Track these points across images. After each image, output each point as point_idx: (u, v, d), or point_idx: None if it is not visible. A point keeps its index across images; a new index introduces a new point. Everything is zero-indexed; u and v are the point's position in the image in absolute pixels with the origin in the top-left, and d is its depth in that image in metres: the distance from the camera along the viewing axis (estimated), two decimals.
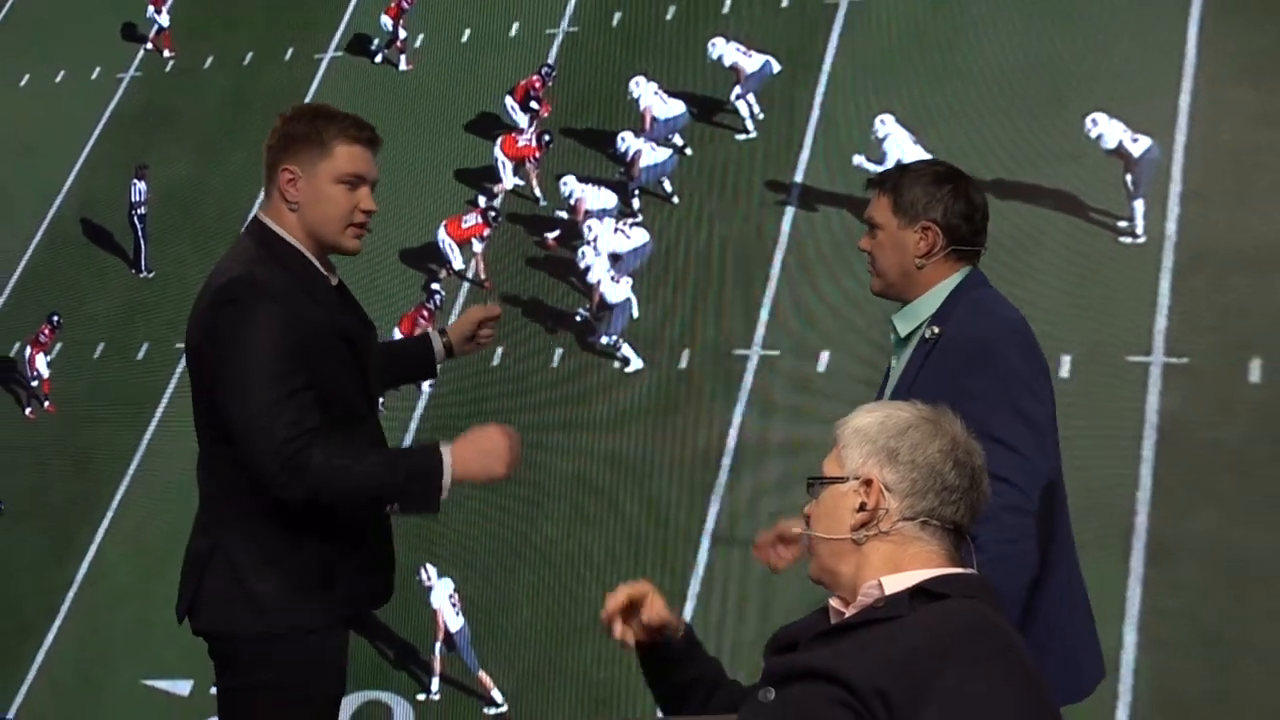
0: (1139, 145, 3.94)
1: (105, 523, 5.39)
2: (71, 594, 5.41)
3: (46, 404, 5.68)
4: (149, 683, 5.04)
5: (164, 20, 5.81)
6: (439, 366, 2.80)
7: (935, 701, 1.68)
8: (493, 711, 4.52)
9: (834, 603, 2.03)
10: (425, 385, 4.91)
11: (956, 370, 2.40)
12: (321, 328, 2.42)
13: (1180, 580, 3.73)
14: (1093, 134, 3.98)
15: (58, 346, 5.74)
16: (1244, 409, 3.72)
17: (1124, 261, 3.92)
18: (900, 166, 2.67)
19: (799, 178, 4.38)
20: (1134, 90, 4.00)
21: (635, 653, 2.02)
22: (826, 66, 4.39)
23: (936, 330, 2.51)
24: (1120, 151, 3.96)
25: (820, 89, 4.38)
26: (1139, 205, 3.88)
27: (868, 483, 1.94)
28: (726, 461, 4.28)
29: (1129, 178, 3.92)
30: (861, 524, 1.94)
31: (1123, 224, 3.88)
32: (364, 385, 2.51)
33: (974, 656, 1.76)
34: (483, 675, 4.57)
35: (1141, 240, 3.87)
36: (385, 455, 2.39)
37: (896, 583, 1.91)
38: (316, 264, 2.56)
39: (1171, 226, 3.87)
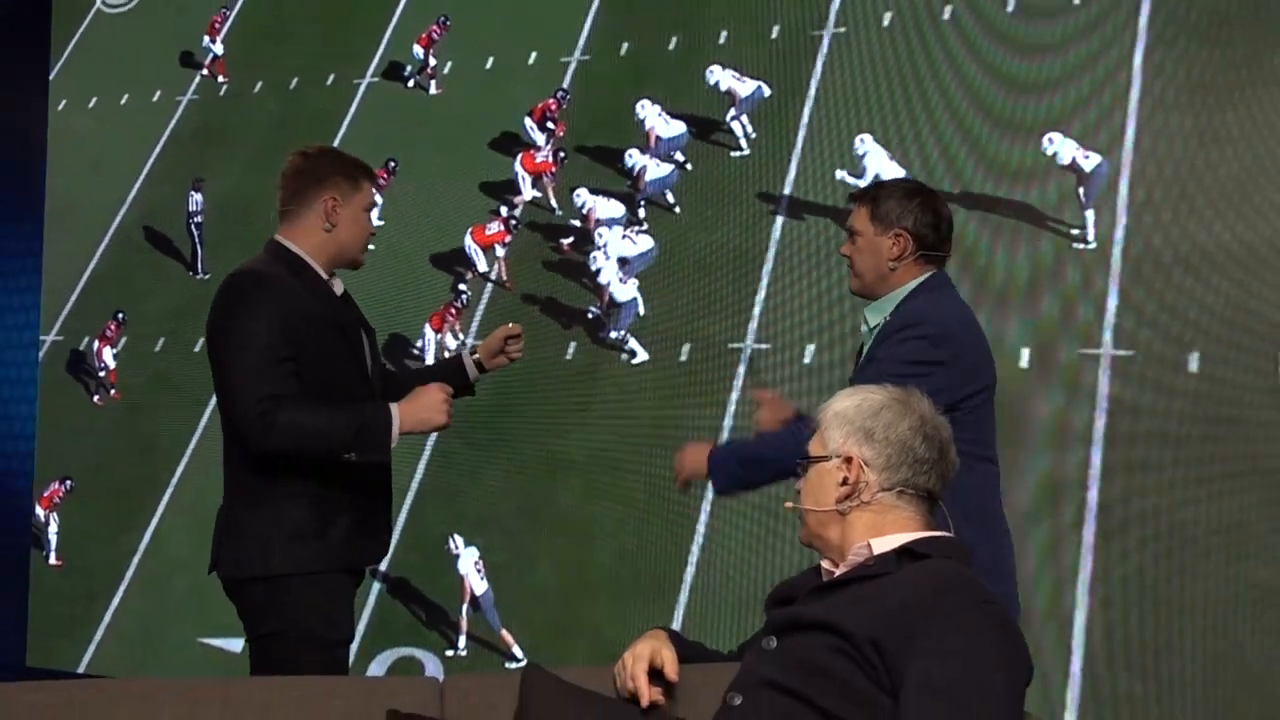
0: (1090, 162, 3.96)
1: (165, 499, 5.39)
2: (135, 562, 5.41)
3: (113, 392, 5.70)
4: (204, 640, 5.05)
5: (218, 49, 5.81)
6: (475, 385, 2.89)
7: (921, 651, 1.74)
8: (513, 666, 4.54)
9: (825, 563, 2.08)
10: None
11: (876, 346, 2.51)
12: (318, 319, 2.53)
13: (1126, 547, 3.76)
14: (1049, 151, 4.00)
15: (123, 341, 5.75)
16: (1183, 396, 3.74)
17: (1077, 265, 3.94)
18: (877, 182, 2.77)
19: (787, 190, 4.39)
20: (1086, 113, 4.01)
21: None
22: (812, 91, 4.40)
23: (889, 319, 2.61)
24: (1073, 167, 3.98)
25: (806, 111, 4.39)
26: (1090, 215, 3.91)
27: (848, 460, 2.01)
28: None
29: (1081, 190, 3.94)
30: (845, 496, 2.00)
31: (1076, 231, 3.90)
32: (363, 375, 2.59)
33: (954, 610, 1.81)
34: (504, 633, 4.60)
35: (1093, 246, 3.89)
36: (343, 411, 2.47)
37: (884, 544, 1.97)
38: (321, 273, 2.64)
39: (1119, 234, 3.89)
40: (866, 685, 1.72)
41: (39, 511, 5.73)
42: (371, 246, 2.66)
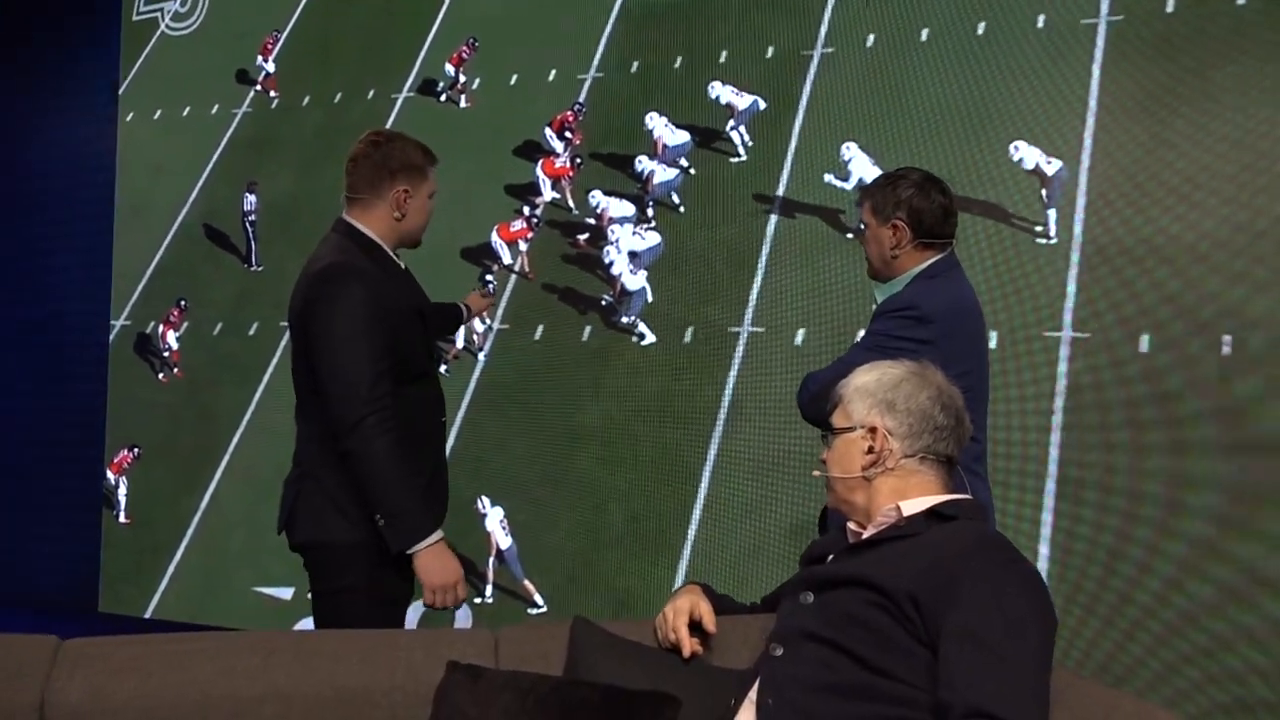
0: (1052, 166, 3.82)
1: (223, 464, 5.25)
2: (196, 519, 5.27)
3: (176, 371, 5.55)
4: (258, 589, 4.93)
5: (270, 67, 5.64)
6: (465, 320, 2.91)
7: (958, 605, 1.56)
8: (535, 612, 4.42)
9: (851, 525, 1.89)
10: (481, 355, 4.79)
11: (870, 322, 2.36)
12: (399, 304, 2.33)
13: (1083, 508, 3.65)
14: (1015, 157, 3.87)
15: (185, 325, 5.59)
16: (1135, 373, 3.62)
17: (1040, 258, 3.81)
18: (882, 175, 2.53)
19: (780, 192, 4.25)
20: (1048, 122, 3.89)
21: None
22: (803, 104, 4.26)
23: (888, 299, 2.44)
24: (1037, 171, 3.85)
25: (798, 122, 4.25)
26: (1052, 214, 3.78)
27: (872, 430, 1.82)
28: (722, 415, 4.17)
29: (1044, 192, 3.81)
30: (871, 463, 1.82)
31: (1039, 228, 3.77)
32: (429, 350, 2.41)
33: (988, 567, 1.64)
34: (527, 583, 4.47)
35: (1054, 241, 3.77)
36: (414, 486, 2.24)
37: (912, 506, 1.79)
38: (391, 254, 2.45)
39: (1078, 230, 3.76)
40: (904, 637, 1.58)
41: (110, 475, 5.60)
42: None
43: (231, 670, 1.84)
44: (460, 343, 4.74)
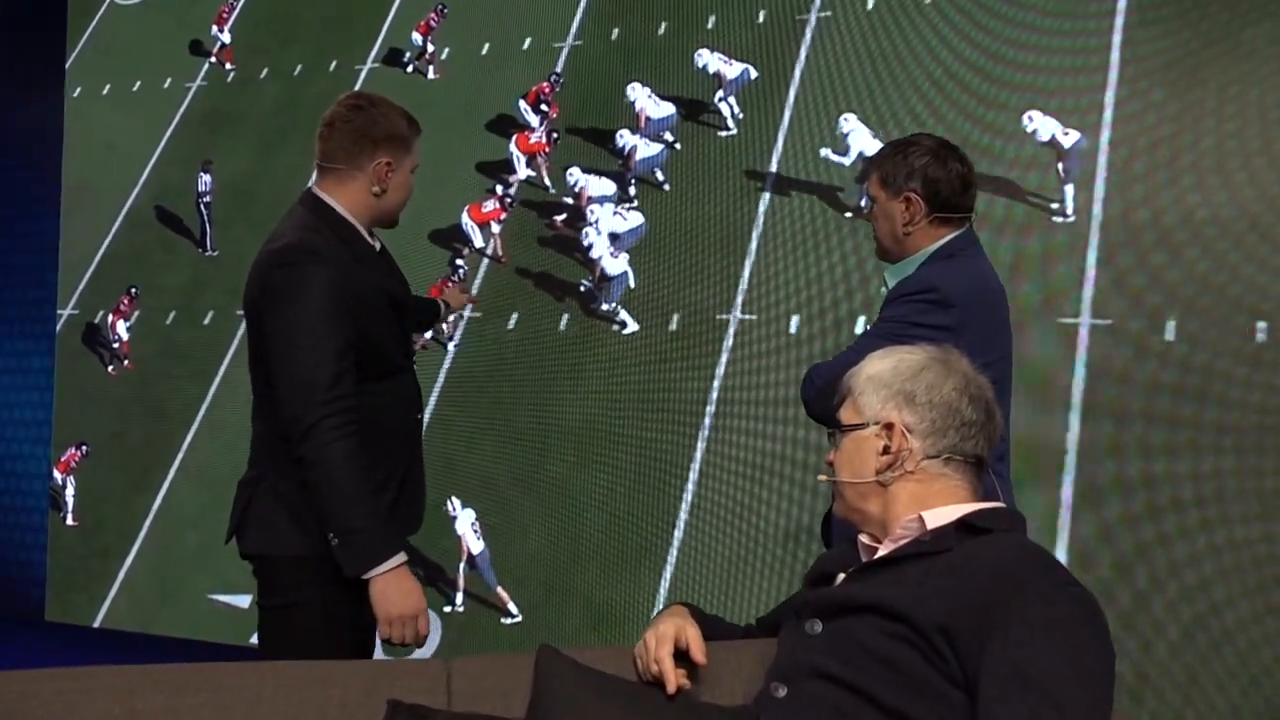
0: (1069, 138, 3.60)
1: (176, 462, 5.02)
2: (148, 522, 5.04)
3: (126, 363, 5.34)
4: (213, 597, 4.71)
5: (226, 37, 5.40)
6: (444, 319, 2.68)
7: (1001, 638, 1.30)
8: (509, 622, 4.21)
9: (864, 538, 1.64)
10: (450, 346, 4.56)
11: (882, 308, 2.13)
12: (369, 290, 2.12)
13: (1102, 508, 3.44)
14: (1029, 129, 3.65)
15: (135, 314, 5.38)
16: (1158, 363, 3.41)
17: (1057, 237, 3.60)
18: (890, 144, 2.29)
19: (773, 168, 4.02)
20: (1065, 91, 3.68)
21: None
22: (797, 73, 4.03)
23: (901, 282, 2.22)
24: (1053, 143, 3.64)
25: (792, 92, 4.03)
26: (1069, 190, 3.56)
27: (888, 426, 1.59)
28: (710, 409, 3.94)
29: (1061, 166, 3.59)
30: (887, 466, 1.59)
31: (1055, 205, 3.56)
32: (405, 341, 2.17)
33: (1036, 591, 1.37)
34: (500, 591, 4.26)
35: (1072, 219, 3.55)
36: (374, 503, 1.98)
37: (937, 517, 1.52)
38: (364, 233, 2.19)
39: (1098, 208, 3.55)
40: (934, 677, 1.33)
41: (56, 475, 5.38)
42: None
43: (132, 712, 1.58)
44: (428, 332, 4.52)
